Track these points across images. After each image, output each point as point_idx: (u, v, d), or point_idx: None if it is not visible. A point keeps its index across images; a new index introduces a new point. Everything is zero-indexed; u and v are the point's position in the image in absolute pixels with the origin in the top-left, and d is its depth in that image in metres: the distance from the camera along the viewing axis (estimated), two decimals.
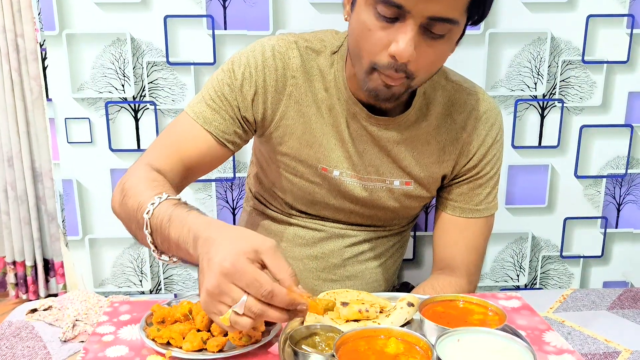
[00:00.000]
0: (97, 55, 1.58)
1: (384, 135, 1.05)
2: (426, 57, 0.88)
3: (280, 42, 1.03)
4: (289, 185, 1.11)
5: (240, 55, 1.03)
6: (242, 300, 0.67)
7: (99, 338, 0.84)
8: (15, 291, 2.31)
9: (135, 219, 0.85)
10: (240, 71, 1.02)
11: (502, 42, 1.61)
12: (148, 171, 0.95)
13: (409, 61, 0.86)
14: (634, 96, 1.67)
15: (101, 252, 1.72)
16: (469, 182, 1.11)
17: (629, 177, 1.73)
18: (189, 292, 1.76)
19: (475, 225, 1.13)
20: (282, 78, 1.02)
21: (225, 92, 1.02)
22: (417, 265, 1.76)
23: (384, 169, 1.08)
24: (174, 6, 1.55)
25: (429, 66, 0.91)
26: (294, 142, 1.06)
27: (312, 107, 1.04)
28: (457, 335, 0.74)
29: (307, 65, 1.03)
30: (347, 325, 0.83)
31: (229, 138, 1.03)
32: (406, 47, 0.84)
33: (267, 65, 1.02)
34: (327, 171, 1.07)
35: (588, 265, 1.81)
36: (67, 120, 1.62)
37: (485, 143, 1.09)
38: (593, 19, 1.60)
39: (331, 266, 1.17)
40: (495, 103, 1.11)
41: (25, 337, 1.25)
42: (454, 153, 1.09)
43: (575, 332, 1.35)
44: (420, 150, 1.07)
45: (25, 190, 2.18)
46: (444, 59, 0.94)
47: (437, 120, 1.07)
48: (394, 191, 1.10)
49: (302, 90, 1.03)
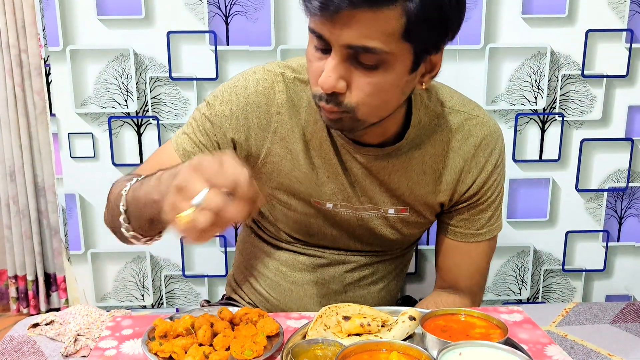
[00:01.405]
0: (101, 70, 1.59)
1: (375, 165, 1.00)
2: (361, 89, 0.83)
3: (266, 74, 1.00)
4: (284, 217, 1.10)
5: (223, 90, 1.01)
6: (203, 191, 0.65)
7: (101, 352, 0.84)
8: (17, 305, 2.31)
9: (115, 209, 0.87)
10: (221, 108, 0.99)
11: (502, 57, 1.62)
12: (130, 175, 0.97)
13: (339, 93, 0.83)
14: (633, 110, 1.67)
15: (103, 266, 1.72)
16: (470, 209, 1.07)
17: (630, 191, 1.73)
18: (190, 306, 1.76)
19: (477, 249, 1.09)
20: (265, 115, 0.99)
21: (206, 127, 1.00)
22: (419, 279, 1.76)
23: (377, 198, 1.04)
24: (177, 22, 1.57)
25: (368, 98, 0.84)
26: (283, 179, 1.03)
27: (299, 142, 1.01)
28: (459, 349, 0.74)
29: (295, 99, 1.00)
30: (349, 339, 0.83)
31: None
32: (326, 77, 0.81)
33: (250, 101, 0.99)
34: (320, 204, 1.05)
35: (590, 279, 1.81)
36: (70, 135, 1.63)
37: (485, 170, 1.04)
38: (592, 33, 1.61)
39: (332, 292, 1.15)
40: (495, 125, 1.05)
41: (27, 352, 1.25)
42: (452, 182, 1.04)
43: (577, 346, 1.35)
44: (415, 180, 1.03)
45: (27, 205, 2.19)
46: (389, 91, 0.86)
47: (434, 149, 1.02)
48: (388, 219, 1.07)
49: (288, 127, 1.00)
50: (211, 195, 0.65)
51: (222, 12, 1.57)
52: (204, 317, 0.87)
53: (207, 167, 0.67)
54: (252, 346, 0.80)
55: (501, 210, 1.11)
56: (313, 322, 0.86)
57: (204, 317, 0.87)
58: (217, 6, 1.56)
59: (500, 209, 1.10)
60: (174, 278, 1.75)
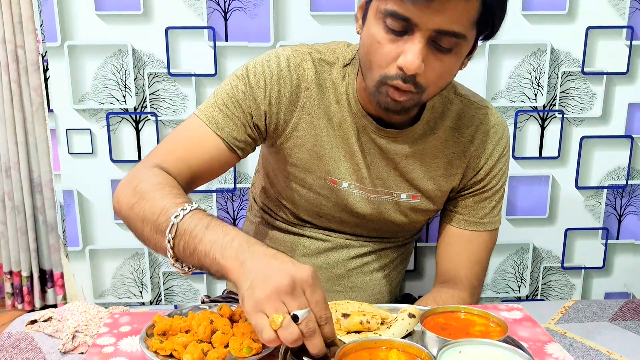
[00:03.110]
0: (99, 66, 1.59)
1: (392, 148, 1.05)
2: (434, 71, 0.89)
3: (295, 53, 1.04)
4: (296, 196, 1.11)
5: (255, 63, 1.03)
6: (306, 310, 0.68)
7: (99, 349, 0.84)
8: (12, 301, 2.30)
9: (154, 223, 0.83)
10: (255, 79, 1.01)
11: (502, 54, 1.61)
12: (162, 175, 0.93)
13: (417, 74, 0.87)
14: (633, 107, 1.67)
15: (101, 263, 1.72)
16: (475, 195, 1.11)
17: (629, 188, 1.73)
18: (189, 303, 1.76)
19: (479, 239, 1.13)
20: (296, 89, 1.03)
21: (239, 99, 1.01)
22: (419, 276, 1.76)
23: (391, 182, 1.08)
24: (176, 18, 1.56)
25: (438, 80, 0.91)
26: (304, 154, 1.06)
27: (323, 119, 1.04)
28: (458, 346, 0.73)
29: (321, 78, 1.04)
30: (349, 336, 0.83)
31: (240, 145, 1.02)
32: (414, 59, 0.85)
33: (283, 75, 1.02)
34: (335, 183, 1.07)
35: (589, 277, 1.81)
36: (68, 131, 1.62)
37: (492, 157, 1.09)
38: (592, 30, 1.60)
39: (335, 277, 1.17)
40: (502, 118, 1.12)
41: (25, 348, 1.25)
42: (462, 167, 1.09)
43: (577, 344, 1.35)
44: (428, 163, 1.08)
45: (22, 201, 2.18)
46: (453, 73, 0.94)
47: (445, 134, 1.07)
48: (400, 204, 1.10)
49: (315, 103, 1.04)
50: (312, 317, 0.69)
51: (221, 8, 1.56)
52: (204, 314, 0.87)
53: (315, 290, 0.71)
54: (250, 343, 0.79)
55: (502, 206, 1.15)
56: None
57: (204, 313, 0.87)
58: (216, 2, 1.55)
59: (501, 202, 1.14)
60: (173, 275, 1.74)
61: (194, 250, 0.78)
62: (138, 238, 0.90)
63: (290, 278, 0.69)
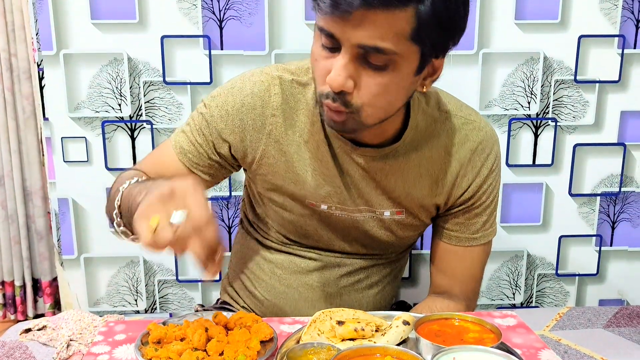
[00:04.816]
0: (94, 74, 1.59)
1: (373, 166, 1.01)
2: (368, 89, 0.84)
3: (263, 78, 1.01)
4: (279, 219, 1.10)
5: (220, 92, 1.03)
6: (183, 211, 0.70)
7: (93, 358, 0.84)
8: (4, 311, 2.29)
9: (112, 202, 0.92)
10: (217, 110, 1.01)
11: (496, 62, 1.62)
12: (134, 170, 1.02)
13: (347, 92, 0.84)
14: (626, 115, 1.68)
15: (96, 271, 1.71)
16: (465, 212, 1.07)
17: (622, 196, 1.74)
18: (184, 311, 1.75)
19: (472, 253, 1.10)
20: (260, 117, 1.01)
21: (203, 127, 1.02)
22: (413, 283, 1.76)
23: (373, 200, 1.05)
24: (171, 26, 1.57)
25: (374, 99, 0.85)
26: (278, 180, 1.04)
27: (293, 145, 1.02)
28: (452, 353, 0.74)
29: (292, 101, 1.01)
30: (343, 344, 0.83)
31: (203, 170, 1.04)
32: (336, 76, 0.82)
33: (245, 103, 1.01)
34: (314, 206, 1.05)
35: (583, 284, 1.81)
36: (63, 139, 1.62)
37: (480, 174, 1.05)
38: (585, 39, 1.62)
39: (327, 296, 1.14)
40: (492, 131, 1.07)
41: (19, 357, 1.24)
42: (448, 186, 1.05)
43: (571, 351, 1.35)
44: (412, 182, 1.04)
45: (15, 210, 2.17)
46: (394, 92, 0.87)
47: (431, 152, 1.03)
48: (384, 221, 1.07)
49: (283, 129, 1.01)
50: (188, 221, 0.71)
51: (217, 17, 1.57)
52: (199, 322, 0.87)
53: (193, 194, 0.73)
54: (245, 351, 0.80)
55: (496, 216, 1.11)
56: (307, 327, 0.86)
57: (199, 321, 0.87)
58: (211, 11, 1.56)
59: (495, 214, 1.11)
60: (168, 283, 1.74)
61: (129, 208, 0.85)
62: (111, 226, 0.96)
63: (170, 186, 0.73)
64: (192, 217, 0.71)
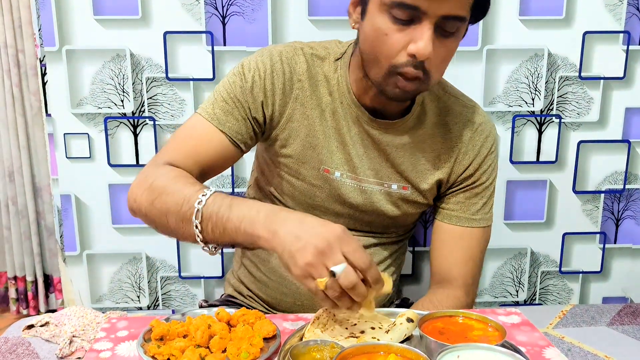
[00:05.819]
0: (97, 71, 1.59)
1: (384, 139, 1.09)
2: (439, 55, 0.93)
3: (288, 48, 1.10)
4: (290, 188, 1.14)
5: (249, 60, 1.09)
6: (342, 264, 0.73)
7: (96, 354, 0.84)
8: (16, 306, 2.29)
9: (178, 213, 0.89)
10: (250, 74, 1.07)
11: (500, 59, 1.62)
12: (175, 170, 0.99)
13: (427, 59, 0.91)
14: (630, 112, 1.68)
15: (99, 267, 1.71)
16: (466, 191, 1.15)
17: (627, 193, 1.74)
18: (187, 307, 1.75)
19: (471, 235, 1.15)
20: (289, 82, 1.08)
21: (237, 94, 1.06)
22: (416, 280, 1.76)
23: (382, 172, 1.11)
24: (174, 22, 1.56)
25: (441, 64, 0.96)
26: (298, 144, 1.09)
27: (316, 110, 1.09)
28: (456, 351, 0.73)
29: (313, 71, 1.09)
30: (347, 341, 0.83)
31: (242, 138, 1.07)
32: (426, 45, 0.89)
33: (275, 69, 1.07)
34: (329, 172, 1.10)
35: (587, 281, 1.81)
36: (66, 135, 1.62)
37: (480, 153, 1.14)
38: (589, 35, 1.61)
39: None
40: (489, 117, 1.17)
41: (22, 353, 1.24)
42: (449, 161, 1.13)
43: (575, 348, 1.35)
44: (417, 156, 1.11)
45: (25, 205, 2.18)
46: (452, 56, 0.99)
47: (433, 129, 1.12)
48: (391, 194, 1.13)
49: (308, 94, 1.08)
50: (349, 270, 0.74)
51: (219, 13, 1.56)
52: (202, 318, 0.86)
53: (348, 242, 0.76)
54: (248, 348, 0.79)
55: (493, 203, 1.18)
56: (310, 323, 0.86)
57: (202, 318, 0.87)
58: (214, 7, 1.56)
59: (492, 200, 1.18)
60: (170, 279, 1.74)
61: (223, 230, 0.85)
62: (162, 232, 0.95)
63: (324, 239, 0.76)
64: (356, 264, 0.75)
